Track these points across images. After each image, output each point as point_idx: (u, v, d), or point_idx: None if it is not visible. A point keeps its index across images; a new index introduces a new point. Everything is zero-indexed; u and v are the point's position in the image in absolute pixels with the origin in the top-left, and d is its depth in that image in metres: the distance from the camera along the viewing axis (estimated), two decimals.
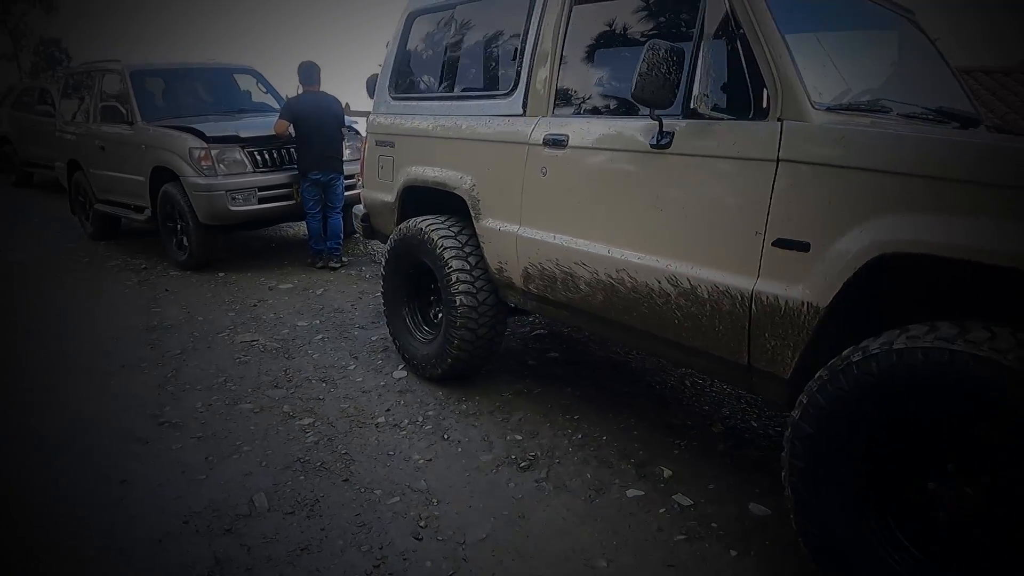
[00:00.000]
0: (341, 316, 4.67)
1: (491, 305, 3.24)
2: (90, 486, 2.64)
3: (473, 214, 3.16)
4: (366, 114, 7.47)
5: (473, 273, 3.21)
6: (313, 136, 5.60)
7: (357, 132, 6.60)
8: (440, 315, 3.57)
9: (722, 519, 2.37)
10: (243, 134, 5.74)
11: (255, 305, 4.96)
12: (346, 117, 6.14)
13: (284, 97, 7.39)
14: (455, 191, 3.24)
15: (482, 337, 3.26)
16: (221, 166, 5.61)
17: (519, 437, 2.95)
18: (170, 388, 3.53)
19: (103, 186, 6.86)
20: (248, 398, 3.40)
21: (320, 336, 4.27)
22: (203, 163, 5.55)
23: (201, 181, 5.55)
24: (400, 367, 3.71)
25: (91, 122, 6.93)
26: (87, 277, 5.89)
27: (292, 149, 5.87)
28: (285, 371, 3.73)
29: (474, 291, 3.20)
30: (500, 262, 3.08)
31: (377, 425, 3.09)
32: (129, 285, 5.61)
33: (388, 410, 3.23)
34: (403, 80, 3.81)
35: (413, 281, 3.63)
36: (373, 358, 3.90)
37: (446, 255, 3.21)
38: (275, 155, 5.87)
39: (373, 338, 4.22)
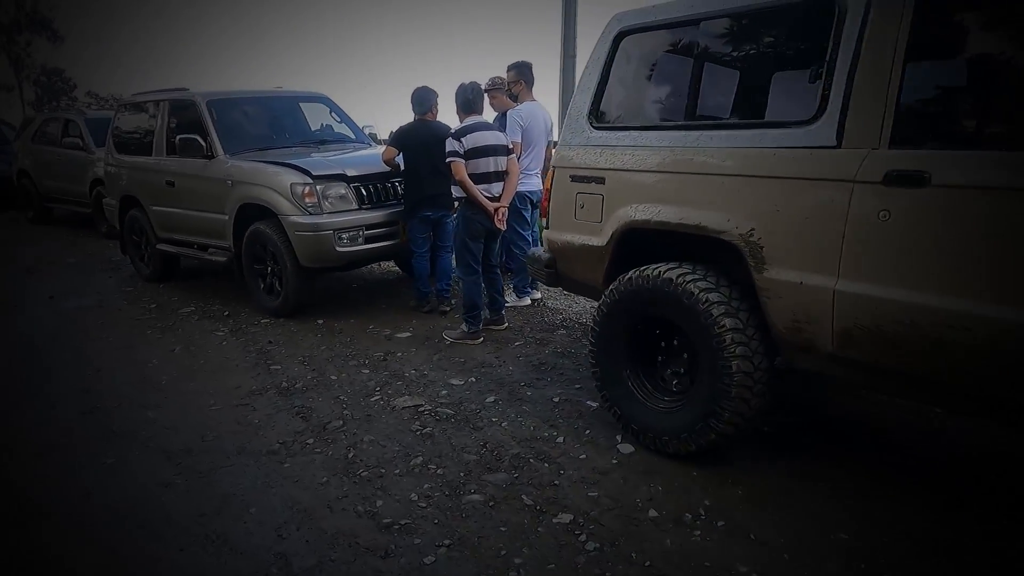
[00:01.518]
0: (494, 371, 4.12)
1: (765, 370, 2.73)
2: None
3: (752, 263, 2.66)
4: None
5: (747, 332, 2.70)
6: (425, 170, 5.05)
7: None
8: (676, 380, 3.06)
9: None
10: (349, 172, 5.20)
11: (384, 359, 4.38)
12: None
13: (362, 128, 6.94)
14: (721, 236, 2.74)
15: (754, 408, 2.75)
16: (326, 203, 5.05)
17: (844, 536, 2.42)
18: (363, 473, 2.94)
19: (169, 224, 6.25)
20: (468, 486, 2.82)
21: (491, 399, 3.70)
22: (307, 200, 4.99)
23: (304, 220, 4.99)
24: (618, 437, 3.17)
25: (154, 155, 6.34)
26: (167, 327, 5.26)
27: (398, 183, 5.35)
28: (484, 446, 3.16)
29: (750, 354, 2.69)
30: (797, 321, 2.57)
31: (654, 522, 2.54)
32: (222, 336, 5.00)
33: (651, 499, 2.69)
34: (609, 108, 3.33)
35: (637, 339, 3.11)
36: (575, 425, 3.35)
37: (714, 311, 2.70)
38: (380, 189, 5.34)
39: (554, 399, 3.67)
